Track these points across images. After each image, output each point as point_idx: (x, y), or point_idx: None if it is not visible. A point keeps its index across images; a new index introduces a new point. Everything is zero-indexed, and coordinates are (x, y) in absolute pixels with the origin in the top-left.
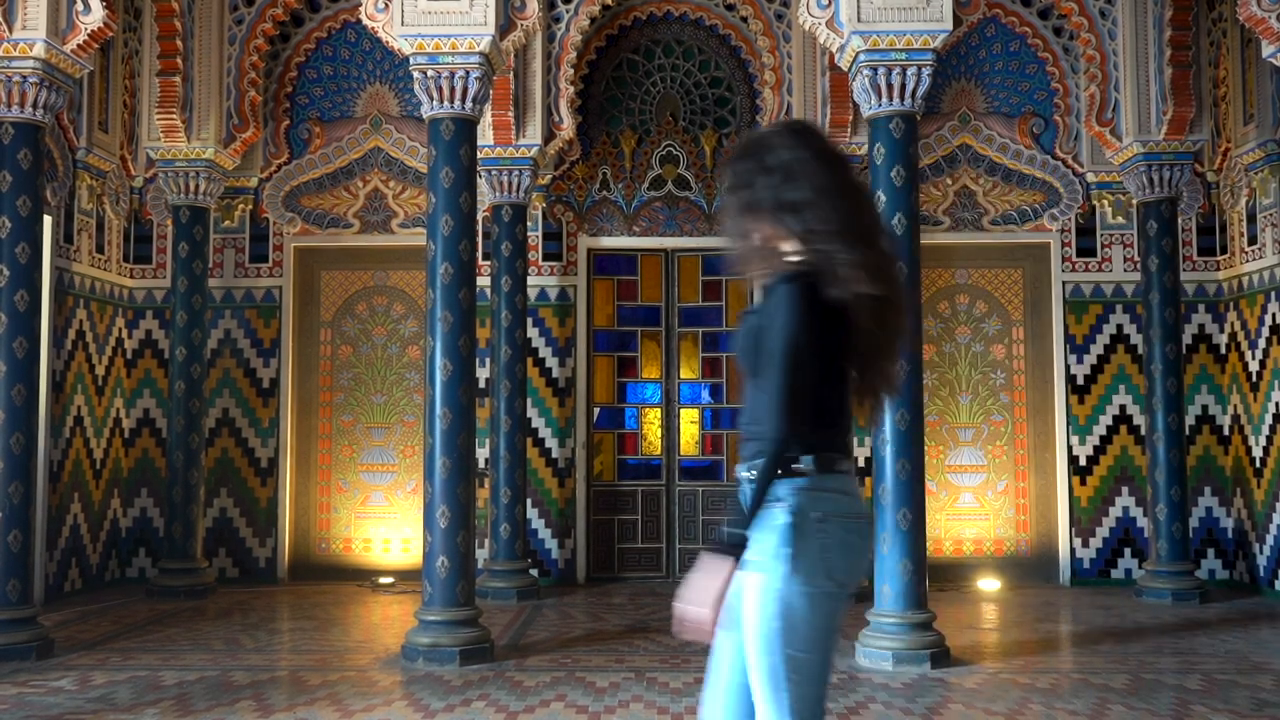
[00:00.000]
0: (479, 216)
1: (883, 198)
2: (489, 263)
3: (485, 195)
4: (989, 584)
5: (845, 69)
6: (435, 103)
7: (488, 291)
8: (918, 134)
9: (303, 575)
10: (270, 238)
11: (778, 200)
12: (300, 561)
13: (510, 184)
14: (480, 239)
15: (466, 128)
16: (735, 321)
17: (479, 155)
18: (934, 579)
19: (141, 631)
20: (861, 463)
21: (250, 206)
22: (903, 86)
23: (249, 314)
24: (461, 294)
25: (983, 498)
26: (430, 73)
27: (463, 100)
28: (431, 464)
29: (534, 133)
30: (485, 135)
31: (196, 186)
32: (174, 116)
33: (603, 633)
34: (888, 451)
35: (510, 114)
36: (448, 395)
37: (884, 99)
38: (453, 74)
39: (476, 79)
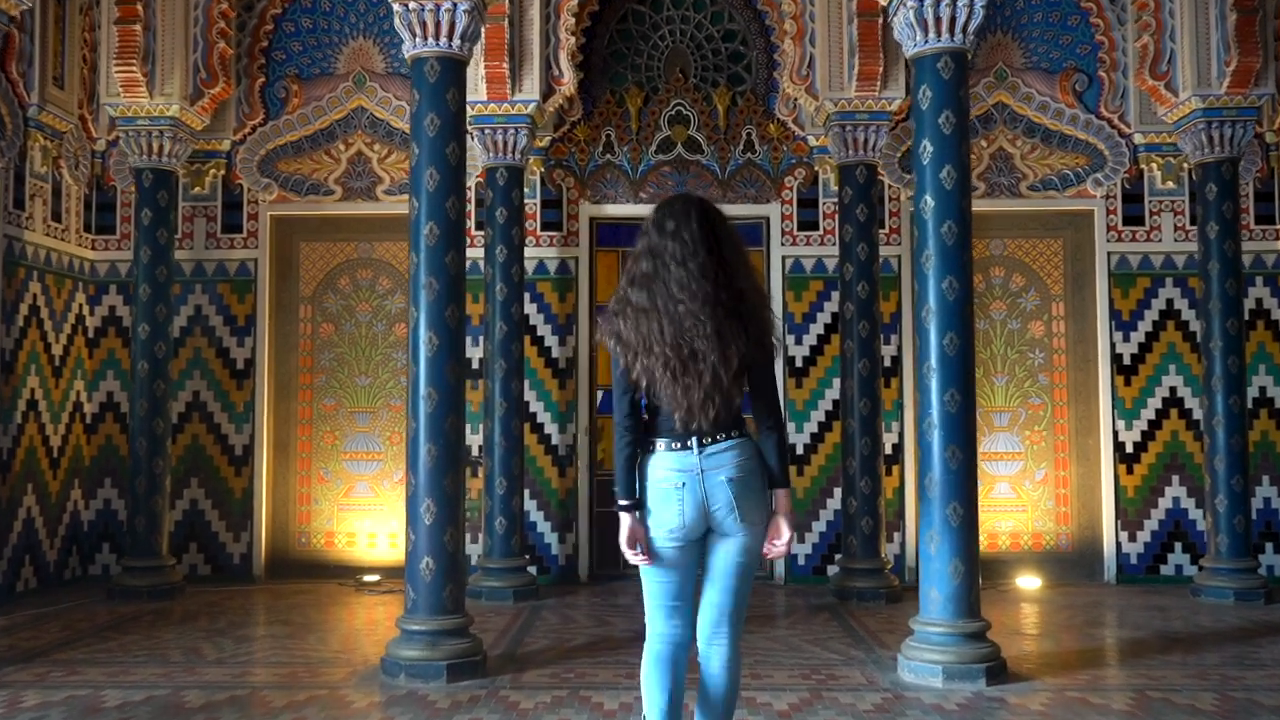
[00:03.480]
0: (472, 180)
1: (929, 147)
2: (482, 232)
3: (478, 157)
4: (1028, 581)
5: (884, 3)
6: (419, 40)
7: (481, 264)
8: (968, 75)
9: (281, 572)
10: (244, 206)
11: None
12: (278, 557)
13: (505, 144)
14: (473, 205)
15: (454, 68)
16: None
17: (471, 112)
18: None
19: (95, 639)
20: (889, 450)
21: (222, 172)
22: (953, 19)
23: (221, 288)
24: (448, 258)
25: (1020, 488)
26: (412, 5)
27: (449, 37)
28: (415, 451)
29: (531, 87)
30: (478, 90)
31: (160, 147)
32: (134, 69)
33: (609, 640)
34: (935, 437)
35: (505, 66)
36: (433, 373)
37: (931, 34)
38: (438, 6)
39: (465, 11)
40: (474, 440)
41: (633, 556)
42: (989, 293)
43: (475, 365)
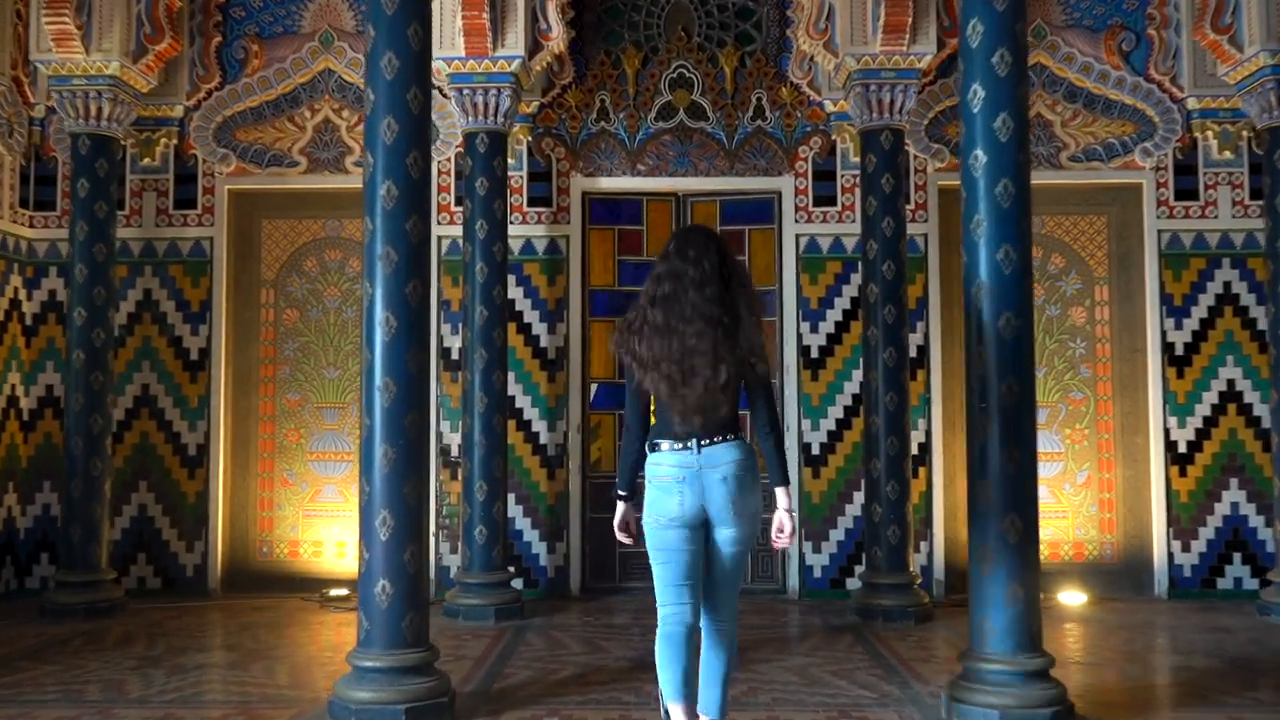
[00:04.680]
0: (451, 150)
1: (980, 92)
2: (462, 208)
3: (456, 121)
4: (1072, 597)
5: None
6: None
7: (460, 242)
8: (1026, 8)
9: (239, 586)
10: (199, 179)
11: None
12: (237, 569)
13: (486, 106)
14: (453, 179)
15: None
16: (761, 281)
17: (448, 69)
18: None
19: (6, 669)
20: (915, 449)
21: (174, 141)
22: None
23: (173, 271)
24: (409, 223)
25: (1060, 492)
26: None
27: None
28: (370, 453)
29: (515, 42)
30: (455, 44)
31: (99, 110)
32: (66, 20)
33: (601, 671)
34: (989, 436)
35: (485, 16)
36: (391, 360)
37: None
38: None
39: None
40: (454, 439)
41: (622, 536)
42: None
43: (455, 356)
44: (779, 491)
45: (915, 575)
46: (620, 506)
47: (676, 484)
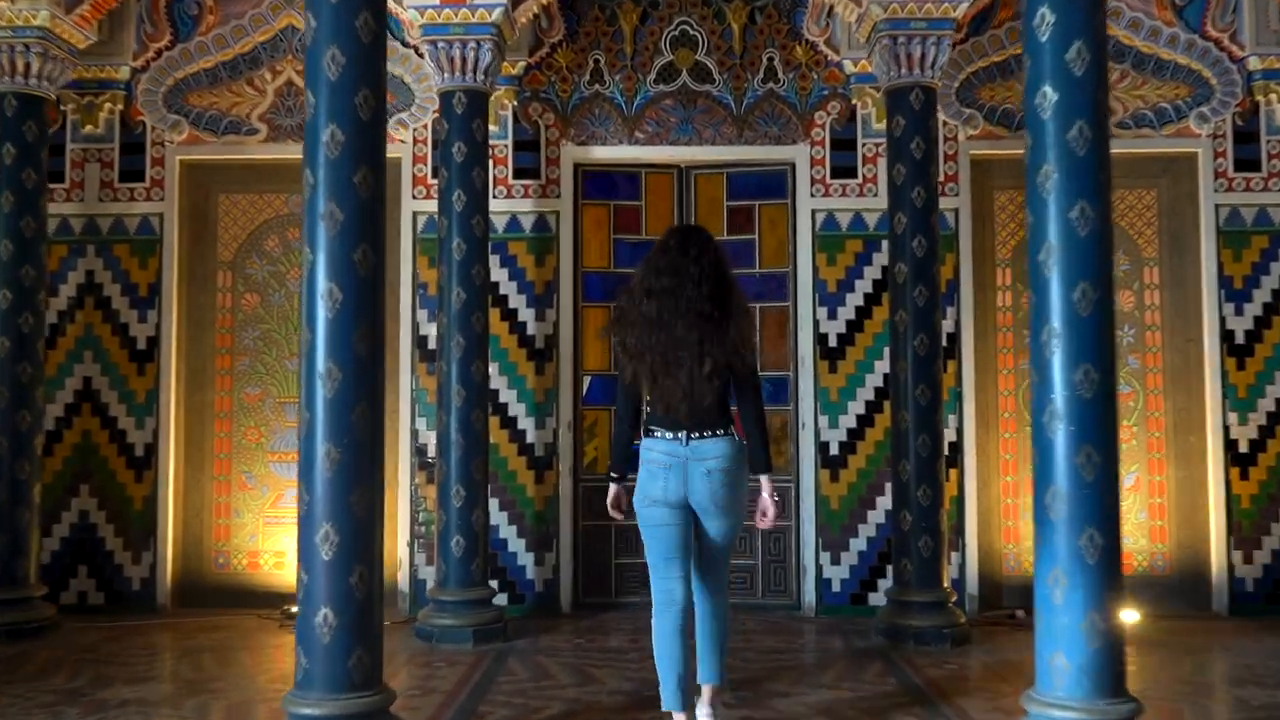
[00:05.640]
0: (428, 116)
1: (1049, 17)
2: (437, 180)
3: (433, 81)
4: (1124, 615)
5: None
6: None
7: (436, 217)
8: None
9: (193, 600)
10: (148, 148)
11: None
12: (189, 582)
13: (464, 61)
14: (430, 148)
15: None
16: (774, 262)
17: (420, 20)
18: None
19: None
20: (945, 449)
21: (120, 106)
22: None
23: (119, 250)
24: (359, 176)
25: None
26: None
27: None
28: (310, 454)
29: None
30: None
31: (27, 66)
32: None
33: (592, 709)
34: (1060, 434)
35: None
36: (335, 341)
37: None
38: None
39: None
40: (430, 438)
41: (615, 514)
42: None
43: (432, 345)
44: (763, 479)
45: (950, 591)
46: (613, 487)
47: (662, 470)
